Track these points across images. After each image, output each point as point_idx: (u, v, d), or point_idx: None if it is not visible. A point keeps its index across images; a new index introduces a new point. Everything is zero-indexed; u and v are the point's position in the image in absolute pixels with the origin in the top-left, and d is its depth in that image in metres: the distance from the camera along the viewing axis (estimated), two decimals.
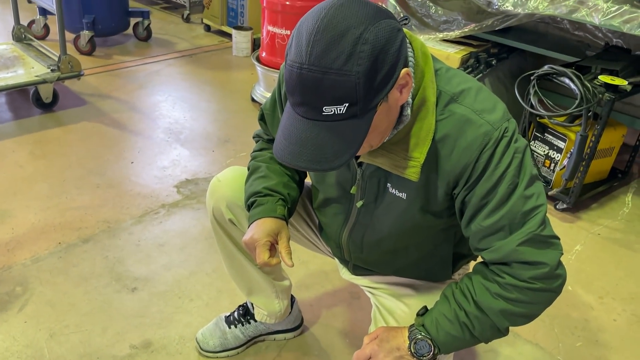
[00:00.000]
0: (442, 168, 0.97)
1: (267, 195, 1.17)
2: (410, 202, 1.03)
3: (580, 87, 2.07)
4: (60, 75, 2.75)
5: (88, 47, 3.56)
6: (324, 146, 0.86)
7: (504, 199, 0.95)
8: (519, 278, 0.96)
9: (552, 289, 0.98)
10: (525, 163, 0.96)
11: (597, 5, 2.09)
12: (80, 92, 3.06)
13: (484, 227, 0.97)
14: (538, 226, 0.95)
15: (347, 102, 0.82)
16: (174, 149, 2.60)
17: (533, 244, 0.95)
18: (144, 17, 3.87)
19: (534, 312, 1.00)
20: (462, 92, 0.97)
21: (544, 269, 0.95)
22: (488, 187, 0.95)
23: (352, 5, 0.83)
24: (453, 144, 0.95)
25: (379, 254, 1.18)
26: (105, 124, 2.76)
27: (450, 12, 2.61)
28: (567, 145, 2.26)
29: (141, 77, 3.36)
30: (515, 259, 0.96)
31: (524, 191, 0.95)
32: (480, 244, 1.00)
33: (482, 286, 1.00)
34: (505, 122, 0.94)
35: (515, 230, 0.95)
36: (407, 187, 1.02)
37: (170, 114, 2.94)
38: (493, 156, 0.93)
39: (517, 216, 0.95)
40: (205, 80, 3.42)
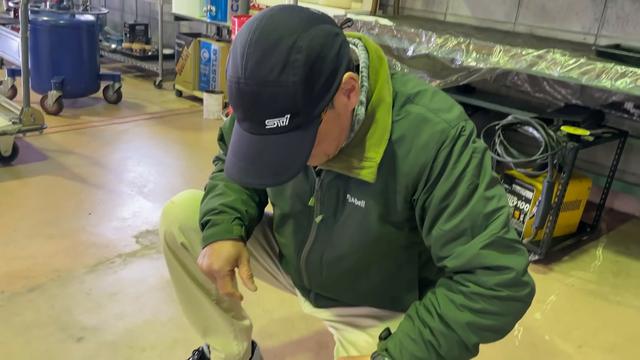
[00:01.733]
0: (400, 170, 0.94)
1: (223, 213, 1.10)
2: (369, 210, 0.98)
3: (544, 135, 2.10)
4: (22, 127, 2.68)
5: (55, 107, 3.52)
6: (271, 161, 0.83)
7: (464, 200, 0.91)
8: (484, 285, 0.90)
9: (520, 298, 0.91)
10: (485, 164, 0.93)
11: (555, 59, 2.17)
12: (42, 148, 2.98)
13: (445, 231, 0.92)
14: (501, 228, 0.90)
15: (288, 114, 0.80)
16: (136, 201, 2.50)
17: (497, 247, 0.90)
18: (114, 81, 3.88)
19: (503, 325, 0.93)
20: (418, 93, 0.95)
21: (509, 274, 0.89)
22: (447, 188, 0.91)
23: (283, 14, 0.81)
24: (410, 144, 0.92)
25: (339, 275, 1.10)
26: (66, 177, 2.67)
27: (415, 70, 2.68)
28: (535, 195, 2.25)
29: (108, 136, 3.31)
30: (479, 264, 0.90)
31: (485, 192, 0.91)
32: (442, 252, 0.94)
33: (446, 298, 0.93)
34: (462, 121, 0.92)
35: (477, 234, 0.91)
36: (366, 194, 0.98)
37: (135, 169, 2.87)
38: (451, 154, 0.90)
39: (478, 218, 0.91)
40: (174, 139, 3.39)
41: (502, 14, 3.04)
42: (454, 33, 2.54)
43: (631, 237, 2.64)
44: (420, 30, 2.55)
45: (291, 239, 1.13)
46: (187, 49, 4.11)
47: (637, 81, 1.98)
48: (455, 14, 3.23)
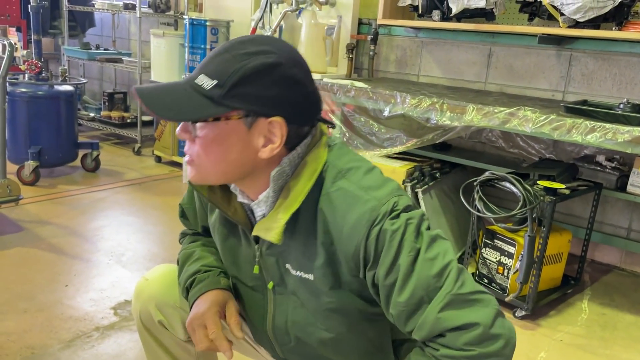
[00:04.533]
0: (339, 247, 0.93)
1: (206, 272, 1.09)
2: (320, 282, 0.96)
3: (522, 190, 2.13)
4: None
5: (32, 177, 3.48)
6: (170, 97, 0.88)
7: (409, 269, 0.88)
8: (453, 347, 0.86)
9: (494, 353, 0.85)
10: (421, 228, 0.91)
11: (527, 116, 2.24)
12: (18, 219, 2.92)
13: (402, 304, 0.89)
14: (454, 285, 0.87)
15: (217, 80, 0.87)
16: (115, 271, 2.44)
17: (455, 305, 0.86)
18: (92, 149, 3.87)
19: None
20: (350, 169, 0.95)
21: (476, 330, 0.84)
22: (389, 263, 0.88)
23: (284, 42, 0.95)
24: (342, 222, 0.91)
25: (310, 347, 1.06)
26: (42, 249, 2.60)
27: (392, 130, 2.74)
28: (517, 250, 2.26)
29: (85, 204, 3.26)
30: (444, 328, 0.86)
31: (426, 254, 0.88)
32: (407, 326, 0.91)
33: None
34: (394, 197, 0.91)
35: (432, 297, 0.87)
36: (311, 268, 0.96)
37: (112, 237, 2.81)
38: (383, 231, 0.88)
39: (430, 282, 0.87)
40: (153, 205, 3.36)
41: (473, 74, 3.16)
42: (427, 94, 2.61)
43: (615, 288, 2.64)
44: (395, 92, 2.62)
45: (253, 308, 1.10)
46: None
47: (606, 135, 2.05)
48: (428, 75, 3.34)
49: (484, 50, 3.09)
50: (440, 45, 3.25)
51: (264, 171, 0.95)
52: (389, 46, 3.47)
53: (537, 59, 2.92)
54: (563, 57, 2.84)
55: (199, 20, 3.68)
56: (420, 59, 3.36)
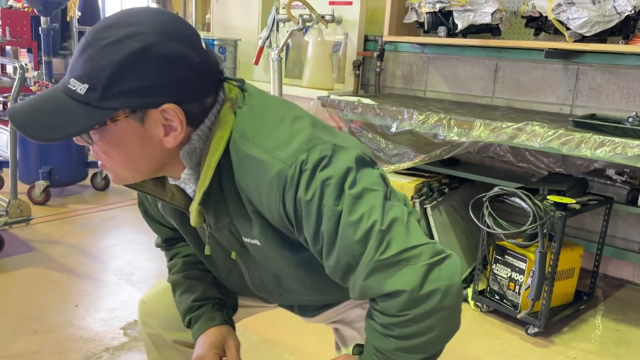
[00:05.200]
0: (266, 214, 0.89)
1: (200, 307, 1.09)
2: (268, 246, 0.93)
3: (531, 205, 2.12)
4: (8, 220, 2.65)
5: (42, 197, 3.51)
6: (49, 116, 0.80)
7: (332, 236, 0.82)
8: (388, 314, 0.83)
9: (433, 310, 0.80)
10: (344, 186, 0.82)
11: (535, 131, 2.23)
12: (28, 239, 2.94)
13: (332, 267, 0.85)
14: (376, 250, 0.80)
15: (87, 84, 0.79)
16: (124, 290, 2.44)
17: (379, 271, 0.81)
18: None
19: (433, 339, 0.83)
20: (257, 127, 0.88)
21: (403, 297, 0.80)
22: (312, 232, 0.84)
23: (167, 16, 0.84)
24: (257, 193, 0.86)
25: (293, 291, 1.05)
26: (52, 269, 2.61)
27: (400, 146, 2.74)
28: (529, 266, 2.24)
29: (95, 223, 3.28)
30: (372, 294, 0.83)
31: (349, 217, 0.81)
32: (342, 282, 0.88)
33: (371, 329, 0.88)
34: (302, 154, 0.82)
35: (358, 263, 0.82)
36: (254, 235, 0.93)
37: (122, 256, 2.82)
38: (298, 200, 0.82)
39: (353, 248, 0.82)
40: None
41: (479, 89, 3.16)
42: (434, 109, 2.62)
43: (628, 304, 2.61)
44: (401, 108, 2.63)
45: (231, 277, 1.09)
46: None
47: (615, 149, 2.04)
48: (435, 91, 3.34)
49: (490, 65, 3.10)
50: (446, 61, 3.26)
51: (178, 154, 0.89)
52: (395, 62, 3.49)
53: (544, 73, 2.92)
54: (570, 70, 2.84)
55: (207, 40, 3.72)
56: (426, 75, 3.37)
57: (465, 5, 2.74)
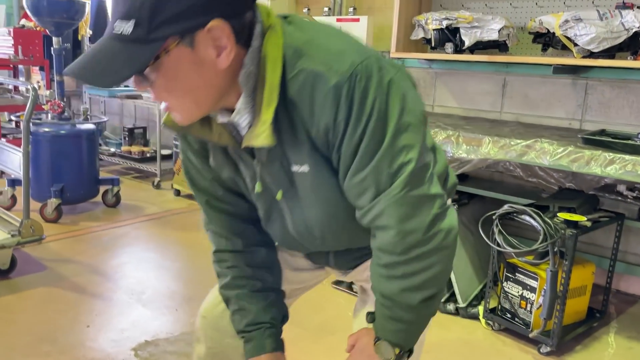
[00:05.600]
0: (314, 130, 0.91)
1: (251, 332, 1.15)
2: (315, 170, 0.96)
3: (542, 223, 2.11)
4: (21, 240, 2.68)
5: (54, 214, 3.55)
6: (102, 62, 0.82)
7: (369, 155, 0.88)
8: (394, 253, 0.91)
9: (436, 249, 0.91)
10: (393, 110, 0.87)
11: (544, 148, 2.23)
12: (40, 258, 2.97)
13: (354, 184, 0.91)
14: (403, 187, 0.88)
15: (133, 18, 0.80)
16: (135, 310, 2.45)
17: (399, 206, 0.89)
18: (113, 185, 3.94)
19: (436, 275, 0.93)
20: (307, 42, 0.89)
21: (413, 236, 0.89)
22: (353, 145, 0.88)
23: None
24: (310, 104, 0.88)
25: (333, 235, 1.09)
26: (64, 288, 2.63)
27: None
28: (540, 284, 2.22)
29: (106, 241, 3.31)
30: (383, 224, 0.91)
31: (392, 146, 0.87)
32: (356, 202, 0.94)
33: (376, 275, 0.97)
34: (356, 67, 0.85)
35: (382, 191, 0.89)
36: (304, 159, 0.95)
37: (133, 274, 2.84)
38: (350, 110, 0.86)
39: (383, 175, 0.88)
40: (172, 240, 3.38)
41: (488, 104, 3.16)
42: (442, 125, 2.62)
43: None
44: None
45: (275, 224, 1.12)
46: None
47: (626, 167, 2.03)
48: (443, 105, 3.35)
49: (498, 80, 3.10)
50: (454, 76, 3.27)
51: (234, 81, 0.90)
52: None
53: (553, 87, 2.91)
54: (579, 85, 2.83)
55: None
56: (434, 90, 3.37)
57: (472, 22, 2.74)
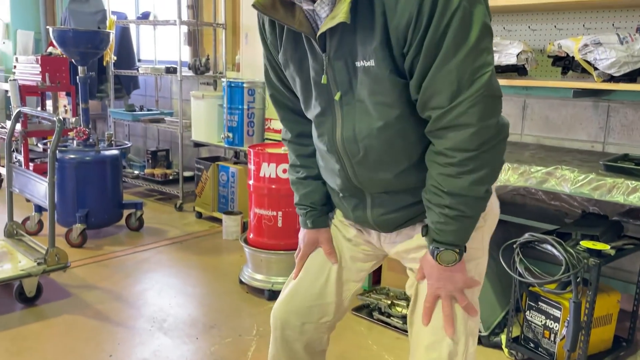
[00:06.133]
0: (391, 24, 0.99)
1: (300, 209, 1.40)
2: (379, 66, 1.03)
3: (563, 253, 2.07)
4: (46, 268, 2.74)
5: (79, 239, 3.62)
6: None
7: (451, 52, 0.96)
8: (469, 149, 1.02)
9: (501, 141, 1.05)
10: (475, 11, 0.96)
11: (565, 176, 2.20)
12: (65, 284, 3.02)
13: (432, 84, 1.00)
14: (484, 88, 0.98)
15: None
16: (156, 339, 2.48)
17: (478, 105, 0.99)
18: (137, 209, 4.00)
19: (497, 165, 1.08)
20: None
21: (489, 132, 1.02)
22: (436, 40, 0.96)
23: None
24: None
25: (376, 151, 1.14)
26: (88, 316, 2.68)
27: None
28: (564, 314, 2.18)
29: (129, 266, 3.36)
30: (461, 123, 1.00)
31: (474, 46, 0.97)
32: (431, 102, 1.02)
33: (443, 176, 1.06)
34: None
35: (463, 88, 0.98)
36: (371, 53, 1.03)
37: (155, 301, 2.87)
38: (435, 3, 0.94)
39: (466, 73, 0.97)
40: (194, 265, 3.42)
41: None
42: None
43: None
44: None
45: (326, 127, 1.19)
46: (206, 173, 4.26)
47: None
48: None
49: (517, 102, 3.07)
50: None
51: None
52: None
53: (574, 110, 2.88)
54: (601, 108, 2.79)
55: (237, 83, 3.81)
56: None
57: None
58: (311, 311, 1.37)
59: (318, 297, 1.36)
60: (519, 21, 2.98)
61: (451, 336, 1.18)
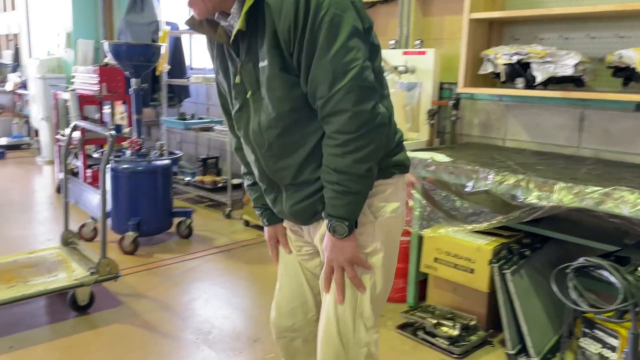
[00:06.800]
0: (278, 28, 1.20)
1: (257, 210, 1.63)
2: (271, 65, 1.23)
3: (621, 280, 1.95)
4: (98, 278, 2.83)
5: (131, 247, 3.72)
6: None
7: (324, 48, 1.16)
8: (348, 131, 1.20)
9: (379, 124, 1.22)
10: (345, 17, 1.17)
11: (623, 197, 2.07)
12: (116, 292, 3.12)
13: (314, 77, 1.19)
14: (355, 78, 1.17)
15: None
16: (201, 352, 2.51)
17: (354, 93, 1.17)
18: (186, 217, 4.09)
19: (377, 146, 1.24)
20: None
21: (364, 116, 1.19)
22: (312, 38, 1.17)
23: None
24: (280, 5, 1.18)
25: (278, 143, 1.32)
26: (136, 325, 2.75)
27: (476, 205, 2.64)
28: (621, 343, 2.06)
29: (177, 275, 3.42)
30: (341, 109, 1.19)
31: (345, 42, 1.17)
32: (316, 94, 1.21)
33: (330, 155, 1.25)
34: None
35: (337, 81, 1.17)
36: (265, 54, 1.24)
37: (201, 312, 2.92)
38: (308, 8, 1.15)
39: (338, 66, 1.17)
40: (241, 275, 3.45)
41: (563, 138, 2.99)
42: (513, 165, 2.50)
43: None
44: (477, 166, 2.53)
45: (242, 122, 1.40)
46: None
47: None
48: (515, 139, 3.20)
49: (574, 113, 2.92)
50: (526, 109, 3.12)
51: None
52: (472, 110, 3.39)
53: (636, 122, 2.71)
54: None
55: None
56: (505, 123, 3.24)
57: (545, 57, 2.62)
58: (295, 311, 1.61)
59: (297, 298, 1.61)
60: (577, 29, 2.83)
61: (340, 302, 1.39)
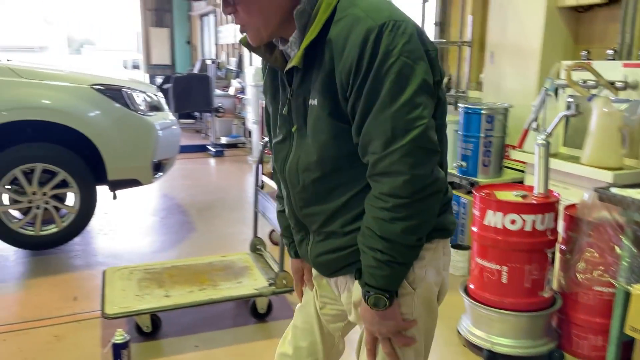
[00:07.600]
0: (337, 68, 1.07)
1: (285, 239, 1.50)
2: (321, 106, 1.12)
3: None
4: (275, 290, 2.97)
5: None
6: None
7: (387, 100, 1.03)
8: (401, 196, 1.05)
9: (434, 191, 1.08)
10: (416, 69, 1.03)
11: None
12: (292, 303, 3.23)
13: (369, 130, 1.06)
14: (417, 138, 1.03)
15: None
16: None
17: (412, 155, 1.03)
18: None
19: (430, 215, 1.11)
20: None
21: (424, 181, 1.05)
22: (373, 88, 1.03)
23: None
24: (344, 42, 1.06)
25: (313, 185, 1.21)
26: None
27: None
28: None
29: None
30: (395, 170, 1.05)
31: (412, 98, 1.02)
32: (369, 148, 1.08)
33: (377, 219, 1.10)
34: (390, 20, 1.03)
35: (396, 139, 1.03)
36: (316, 93, 1.12)
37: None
38: (376, 52, 1.02)
39: (400, 124, 1.03)
40: None
41: None
42: None
43: None
44: None
45: (281, 155, 1.29)
46: None
47: None
48: None
49: None
50: None
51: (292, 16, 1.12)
52: None
53: None
54: None
55: (475, 109, 3.54)
56: None
57: None
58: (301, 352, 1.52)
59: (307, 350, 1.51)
60: None
61: None
